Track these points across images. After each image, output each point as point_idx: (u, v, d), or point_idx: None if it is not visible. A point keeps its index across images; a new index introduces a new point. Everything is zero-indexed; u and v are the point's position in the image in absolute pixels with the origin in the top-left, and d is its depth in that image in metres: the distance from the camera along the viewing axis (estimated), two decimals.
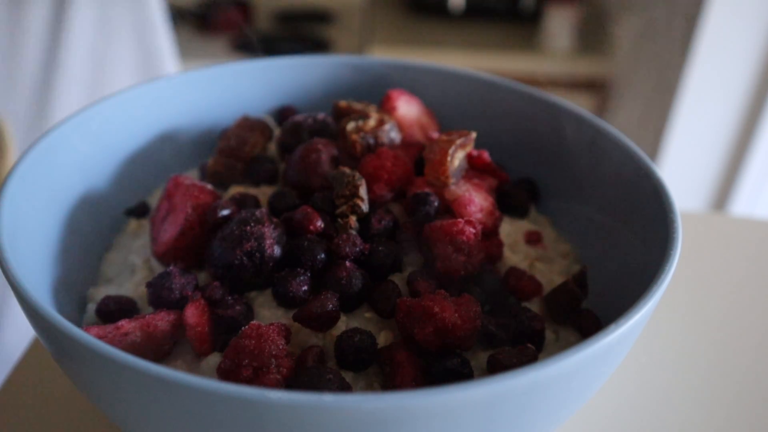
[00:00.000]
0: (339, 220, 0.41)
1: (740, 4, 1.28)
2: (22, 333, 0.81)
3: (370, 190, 0.43)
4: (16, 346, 0.80)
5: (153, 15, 0.99)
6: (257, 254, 0.39)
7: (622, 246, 0.44)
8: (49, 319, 0.30)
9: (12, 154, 0.76)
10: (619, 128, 0.48)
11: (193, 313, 0.37)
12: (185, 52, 1.80)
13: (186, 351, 0.38)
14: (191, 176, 0.47)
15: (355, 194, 0.41)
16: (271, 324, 0.35)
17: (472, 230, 0.40)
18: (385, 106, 0.52)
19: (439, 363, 0.35)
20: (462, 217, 0.43)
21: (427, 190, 0.44)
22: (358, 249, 0.40)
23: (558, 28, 1.80)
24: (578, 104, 0.51)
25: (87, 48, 0.89)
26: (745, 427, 0.46)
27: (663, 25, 1.50)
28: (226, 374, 0.34)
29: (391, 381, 0.35)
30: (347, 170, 0.43)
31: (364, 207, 0.42)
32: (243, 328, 0.35)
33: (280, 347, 0.34)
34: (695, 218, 0.71)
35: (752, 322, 0.56)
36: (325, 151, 0.45)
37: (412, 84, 0.57)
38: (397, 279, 0.41)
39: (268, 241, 0.39)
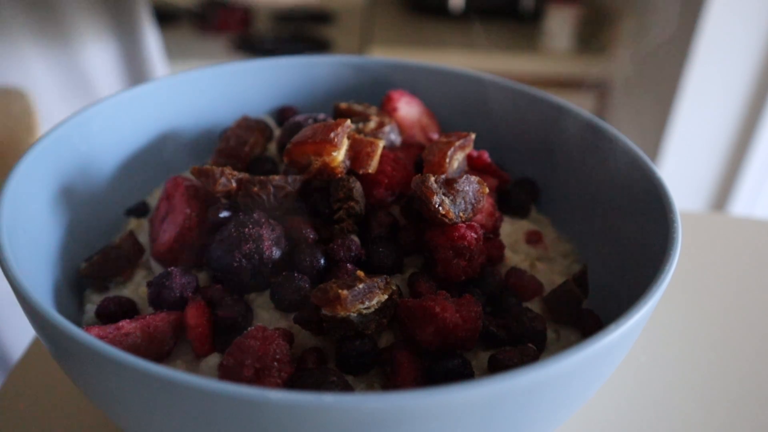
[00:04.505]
0: (336, 225, 0.41)
1: (740, 4, 1.28)
2: (21, 333, 0.81)
3: (370, 195, 0.43)
4: (16, 345, 0.80)
5: (138, 14, 0.97)
6: (256, 256, 0.39)
7: (622, 246, 0.44)
8: (49, 319, 0.30)
9: (39, 130, 0.73)
10: (619, 128, 0.48)
11: (193, 314, 0.37)
12: (185, 52, 1.80)
13: (186, 351, 0.38)
14: (191, 176, 0.47)
15: (350, 196, 0.41)
16: (277, 329, 0.35)
17: (473, 235, 0.40)
18: (386, 107, 0.52)
19: (440, 363, 0.35)
20: None
21: None
22: (353, 254, 0.40)
23: (558, 28, 1.80)
24: (578, 104, 0.51)
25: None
26: (745, 427, 0.46)
27: (663, 25, 1.50)
28: (227, 371, 0.34)
29: (391, 381, 0.35)
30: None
31: (359, 207, 0.41)
32: (249, 329, 0.35)
33: (284, 351, 0.34)
34: (695, 218, 0.71)
35: (752, 322, 0.56)
36: None
37: (412, 84, 0.57)
38: (398, 280, 0.41)
39: (266, 243, 0.39)
